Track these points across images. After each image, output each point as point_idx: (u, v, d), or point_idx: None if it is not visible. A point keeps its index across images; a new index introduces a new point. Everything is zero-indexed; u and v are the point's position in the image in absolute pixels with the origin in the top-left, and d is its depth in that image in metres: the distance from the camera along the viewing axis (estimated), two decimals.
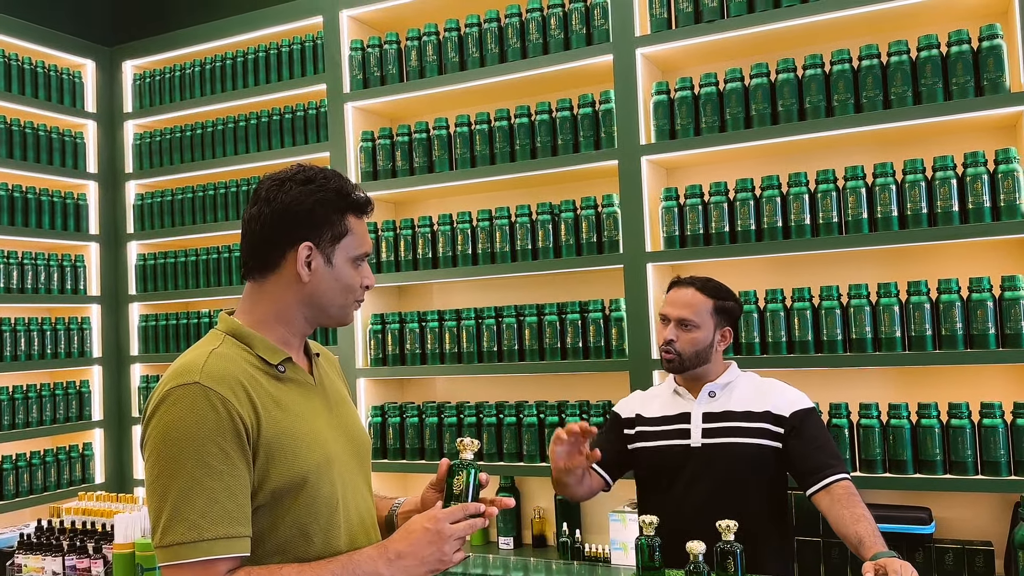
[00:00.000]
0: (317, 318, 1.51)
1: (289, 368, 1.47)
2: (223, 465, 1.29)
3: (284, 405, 1.41)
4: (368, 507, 1.55)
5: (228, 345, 1.44)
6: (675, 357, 2.26)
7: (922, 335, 2.55)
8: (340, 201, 1.48)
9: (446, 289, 3.59)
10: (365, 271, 1.53)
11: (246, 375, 1.39)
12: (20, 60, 3.81)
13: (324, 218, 1.46)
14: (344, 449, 1.50)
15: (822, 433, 2.17)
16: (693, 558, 1.82)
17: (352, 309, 1.53)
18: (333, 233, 1.47)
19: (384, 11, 3.52)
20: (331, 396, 1.55)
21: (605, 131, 3.04)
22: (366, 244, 1.52)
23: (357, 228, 1.50)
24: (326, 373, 1.59)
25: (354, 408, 1.65)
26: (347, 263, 1.48)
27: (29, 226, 3.80)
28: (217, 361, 1.38)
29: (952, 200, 2.53)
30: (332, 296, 1.49)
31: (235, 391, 1.34)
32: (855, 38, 2.85)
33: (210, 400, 1.31)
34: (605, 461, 2.35)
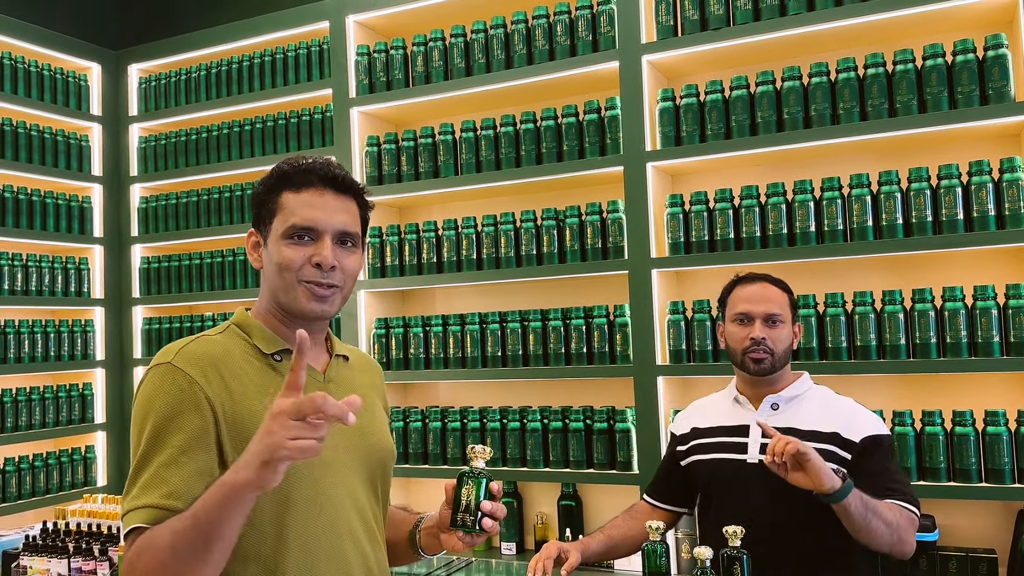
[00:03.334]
0: (281, 309, 1.44)
1: (289, 360, 1.42)
2: (178, 442, 1.28)
3: (272, 394, 1.35)
4: (368, 517, 1.47)
5: (229, 334, 1.43)
6: (768, 356, 2.09)
7: (927, 343, 2.56)
8: (274, 180, 1.44)
9: (450, 294, 3.60)
10: (308, 247, 1.40)
11: (230, 360, 1.37)
12: (26, 63, 3.82)
13: (262, 200, 1.45)
14: (346, 452, 1.43)
15: (891, 464, 2.02)
16: (700, 564, 1.82)
17: (302, 294, 1.40)
18: (267, 213, 1.44)
19: (390, 17, 3.53)
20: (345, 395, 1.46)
21: (610, 137, 3.05)
22: (294, 217, 1.40)
23: (289, 203, 1.41)
24: (349, 377, 1.54)
25: (380, 416, 1.58)
26: (277, 241, 1.41)
27: (34, 228, 3.81)
28: (200, 345, 1.37)
29: (957, 208, 2.54)
30: (273, 280, 1.42)
31: (206, 373, 1.32)
32: (861, 46, 2.87)
33: (176, 379, 1.31)
34: (667, 493, 2.30)
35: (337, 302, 1.44)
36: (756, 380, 2.15)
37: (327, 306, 1.41)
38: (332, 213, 1.41)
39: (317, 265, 1.38)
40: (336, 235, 1.42)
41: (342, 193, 1.44)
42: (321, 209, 1.40)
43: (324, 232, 1.40)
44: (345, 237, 1.43)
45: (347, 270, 1.43)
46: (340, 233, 1.42)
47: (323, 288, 1.40)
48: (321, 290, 1.39)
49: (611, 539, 2.19)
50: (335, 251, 1.41)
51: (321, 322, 1.47)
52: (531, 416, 3.11)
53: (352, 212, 1.46)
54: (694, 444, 2.22)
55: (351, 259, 1.44)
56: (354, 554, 1.41)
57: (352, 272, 1.45)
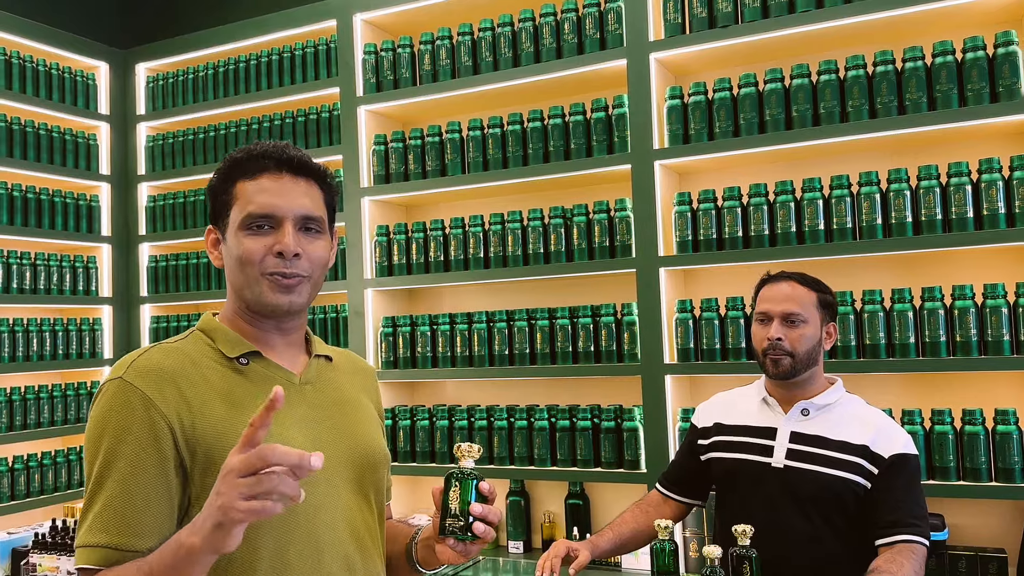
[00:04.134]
0: (249, 307, 1.33)
1: (257, 362, 1.32)
2: (129, 468, 1.17)
3: (235, 401, 1.26)
4: (359, 528, 1.36)
5: (191, 340, 1.34)
6: (786, 356, 2.04)
7: (936, 341, 2.55)
8: (226, 169, 1.34)
9: (457, 292, 3.60)
10: (268, 236, 1.29)
11: (190, 368, 1.27)
12: (34, 62, 3.83)
13: (216, 193, 1.34)
14: (331, 460, 1.32)
15: (914, 487, 1.97)
16: (710, 563, 1.82)
17: (266, 287, 1.29)
18: (222, 206, 1.33)
19: (398, 15, 3.53)
20: (327, 398, 1.39)
21: (618, 135, 3.04)
22: (250, 205, 1.29)
23: (245, 191, 1.30)
24: (331, 379, 1.43)
25: (368, 418, 1.46)
26: (235, 233, 1.30)
27: (42, 227, 3.82)
28: (156, 355, 1.27)
29: (967, 206, 2.53)
30: (236, 276, 1.32)
31: (161, 387, 1.22)
32: (870, 44, 2.86)
33: (127, 397, 1.20)
34: (681, 484, 2.28)
35: (305, 292, 1.33)
36: (785, 383, 2.10)
37: (294, 296, 1.31)
38: (292, 197, 1.30)
39: (279, 254, 1.28)
40: (298, 220, 1.30)
41: (301, 175, 1.34)
42: (279, 194, 1.30)
43: (284, 218, 1.29)
44: (308, 222, 1.32)
45: (313, 258, 1.32)
46: (302, 218, 1.31)
47: (288, 278, 1.29)
48: (286, 280, 1.29)
49: (620, 536, 2.18)
50: (298, 238, 1.30)
51: (294, 319, 1.37)
52: (538, 415, 3.11)
53: (314, 195, 1.35)
54: (716, 440, 2.19)
55: (317, 246, 1.33)
56: (340, 570, 1.30)
57: (319, 260, 1.34)
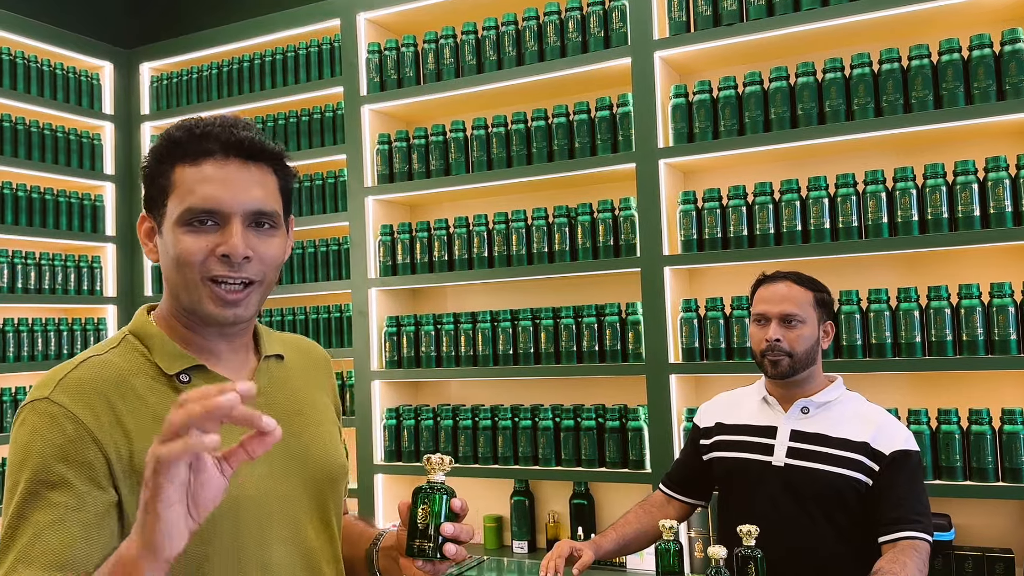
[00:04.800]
0: (187, 311, 1.15)
1: (200, 378, 1.14)
2: (60, 496, 1.02)
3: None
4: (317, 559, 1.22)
5: (123, 349, 1.16)
6: (785, 357, 2.04)
7: (942, 340, 2.53)
8: (164, 149, 1.15)
9: (461, 292, 3.59)
10: (212, 235, 1.10)
11: (125, 386, 1.10)
12: (39, 62, 3.83)
13: (153, 177, 1.15)
14: (282, 480, 1.18)
15: (916, 483, 1.97)
16: (714, 563, 1.81)
17: (207, 296, 1.11)
18: (158, 192, 1.14)
19: (401, 14, 3.52)
20: (279, 410, 1.21)
21: (623, 134, 3.03)
22: (191, 197, 1.10)
23: (185, 179, 1.11)
24: (284, 381, 1.26)
25: (326, 425, 1.29)
26: (172, 228, 1.11)
27: (46, 227, 3.82)
28: (86, 370, 1.11)
29: (973, 205, 2.52)
30: (171, 277, 1.13)
31: (95, 410, 1.06)
32: (876, 42, 2.84)
33: (56, 420, 1.05)
34: (685, 484, 2.28)
35: (253, 302, 1.15)
36: (784, 382, 2.10)
37: (240, 310, 1.13)
38: (241, 189, 1.11)
39: (224, 256, 1.09)
40: (248, 216, 1.12)
41: (253, 161, 1.14)
42: (225, 185, 1.10)
43: (232, 214, 1.10)
44: (260, 218, 1.13)
45: (266, 259, 1.14)
46: (253, 213, 1.12)
47: (234, 288, 1.11)
48: (232, 293, 1.11)
49: (624, 536, 2.18)
50: (248, 237, 1.11)
51: (238, 326, 1.18)
52: (543, 414, 3.10)
53: (268, 185, 1.15)
54: (717, 440, 2.19)
55: (270, 244, 1.15)
56: None
57: (273, 261, 1.15)
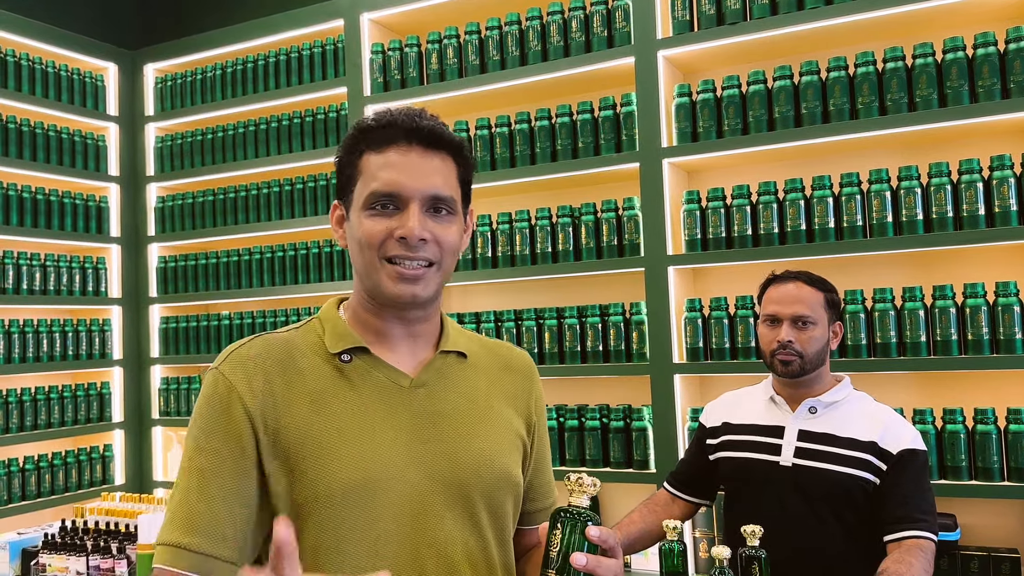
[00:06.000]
0: (370, 294, 1.20)
1: (362, 359, 1.18)
2: (211, 463, 1.10)
3: (326, 402, 1.14)
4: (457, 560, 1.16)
5: (306, 329, 1.22)
6: (796, 358, 2.04)
7: (948, 340, 2.53)
8: (354, 138, 1.20)
9: (465, 292, 3.59)
10: (392, 218, 1.15)
11: (287, 362, 1.16)
12: (43, 64, 3.84)
13: (343, 167, 1.21)
14: (432, 476, 1.16)
15: (922, 482, 1.96)
16: (719, 564, 1.80)
17: (386, 275, 1.15)
18: (347, 180, 1.20)
19: (405, 14, 3.53)
20: (442, 405, 1.21)
21: (626, 134, 3.03)
22: (375, 182, 1.15)
23: (370, 165, 1.17)
24: (459, 379, 1.24)
25: (497, 430, 1.24)
26: (357, 212, 1.17)
27: (51, 228, 3.83)
28: (257, 345, 1.18)
29: (978, 204, 2.51)
30: (356, 260, 1.19)
31: (251, 380, 1.13)
32: (879, 40, 2.84)
33: (217, 389, 1.13)
34: (690, 484, 2.27)
35: (433, 283, 1.17)
36: (792, 381, 2.09)
37: (418, 288, 1.15)
38: (420, 175, 1.15)
39: (402, 239, 1.14)
40: (426, 201, 1.16)
41: (433, 149, 1.18)
42: (405, 170, 1.15)
43: (410, 198, 1.15)
44: (438, 203, 1.17)
45: (443, 242, 1.17)
46: (431, 198, 1.16)
47: (412, 267, 1.15)
48: (410, 269, 1.14)
49: (629, 536, 2.17)
50: (425, 221, 1.15)
51: (420, 310, 1.20)
52: (547, 415, 3.10)
53: (447, 172, 1.19)
54: (724, 439, 2.19)
55: (447, 229, 1.18)
56: None
57: (451, 245, 1.18)
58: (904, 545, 1.88)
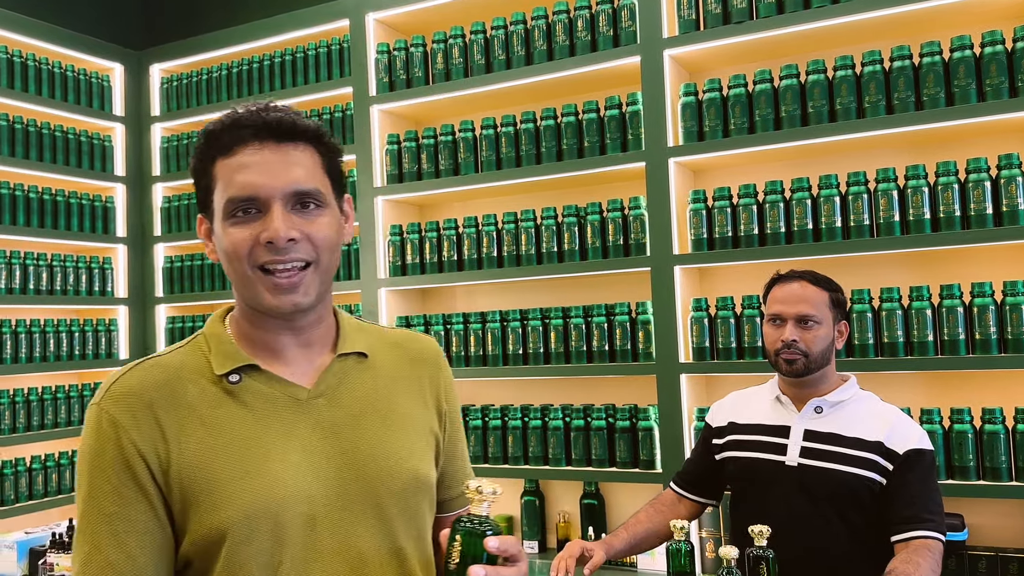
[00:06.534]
0: (251, 307, 1.13)
1: (253, 378, 1.12)
2: (113, 505, 1.04)
3: (218, 429, 1.08)
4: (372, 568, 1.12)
5: (190, 349, 1.15)
6: (801, 357, 2.04)
7: (955, 339, 2.52)
8: (204, 146, 1.13)
9: (471, 292, 3.59)
10: (256, 223, 1.08)
11: (172, 390, 1.09)
12: (50, 64, 3.85)
13: (198, 177, 1.14)
14: (339, 493, 1.11)
15: (930, 482, 1.96)
16: (726, 564, 1.80)
17: (262, 287, 1.08)
18: (205, 191, 1.13)
19: (410, 14, 3.52)
20: (343, 412, 1.15)
21: (632, 133, 3.03)
22: (230, 188, 1.08)
23: (224, 171, 1.09)
24: (359, 382, 1.18)
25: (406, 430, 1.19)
26: (221, 223, 1.09)
27: (58, 228, 3.84)
28: (137, 375, 1.10)
29: (986, 202, 2.50)
30: (230, 273, 1.11)
31: (135, 414, 1.06)
32: (886, 39, 2.83)
33: (101, 426, 1.06)
34: (696, 483, 2.26)
35: (314, 286, 1.10)
36: (797, 381, 2.09)
37: (298, 296, 1.09)
38: (277, 171, 1.08)
39: (270, 243, 1.06)
40: (289, 198, 1.09)
41: (287, 141, 1.11)
42: (260, 170, 1.07)
43: (271, 198, 1.07)
44: (304, 198, 1.10)
45: (317, 239, 1.10)
46: (294, 194, 1.09)
47: (286, 274, 1.07)
48: (285, 277, 1.07)
49: (635, 536, 2.17)
50: (291, 219, 1.08)
51: (307, 316, 1.14)
52: (553, 414, 3.10)
53: (307, 163, 1.11)
54: (730, 439, 2.18)
55: (319, 224, 1.11)
56: None
57: (325, 240, 1.11)
58: (912, 545, 1.88)
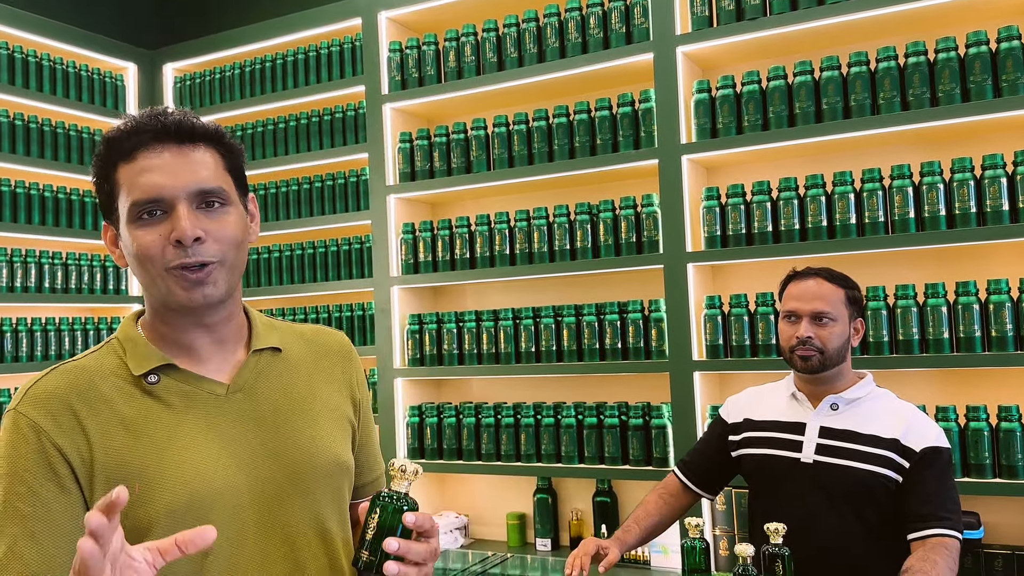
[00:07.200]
0: (162, 305, 1.16)
1: (170, 377, 1.15)
2: (29, 507, 1.06)
3: (139, 428, 1.11)
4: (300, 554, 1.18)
5: (104, 352, 1.19)
6: (816, 353, 2.03)
7: (971, 336, 2.50)
8: (104, 154, 1.16)
9: (483, 290, 3.59)
10: (162, 224, 1.11)
11: (90, 392, 1.12)
12: (64, 64, 3.87)
13: (100, 184, 1.17)
14: (263, 482, 1.16)
15: (947, 480, 1.95)
16: (742, 561, 1.80)
17: (173, 284, 1.12)
18: (108, 197, 1.16)
19: (422, 12, 3.53)
20: (262, 406, 1.20)
21: (645, 130, 3.02)
22: (135, 190, 1.11)
23: (126, 176, 1.13)
24: (276, 375, 1.24)
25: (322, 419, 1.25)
26: (127, 227, 1.13)
27: (73, 227, 3.86)
28: (55, 379, 1.13)
29: (1002, 199, 2.48)
30: (140, 276, 1.15)
31: (56, 417, 1.09)
32: (901, 35, 2.81)
33: (21, 430, 1.09)
34: (706, 477, 2.26)
35: (222, 280, 1.14)
36: (813, 378, 2.09)
37: (208, 289, 1.13)
38: (180, 172, 1.12)
39: (177, 242, 1.10)
40: (192, 198, 1.12)
41: (187, 143, 1.15)
42: (164, 171, 1.11)
43: (175, 198, 1.11)
44: (208, 197, 1.14)
45: (221, 237, 1.13)
46: (198, 194, 1.13)
47: (195, 271, 1.11)
48: (194, 274, 1.11)
49: (646, 530, 2.18)
50: (196, 219, 1.11)
51: (218, 312, 1.18)
52: (565, 412, 3.09)
53: (209, 163, 1.15)
54: (746, 436, 2.18)
55: (223, 222, 1.14)
56: None
57: (230, 237, 1.15)
58: (929, 543, 1.87)
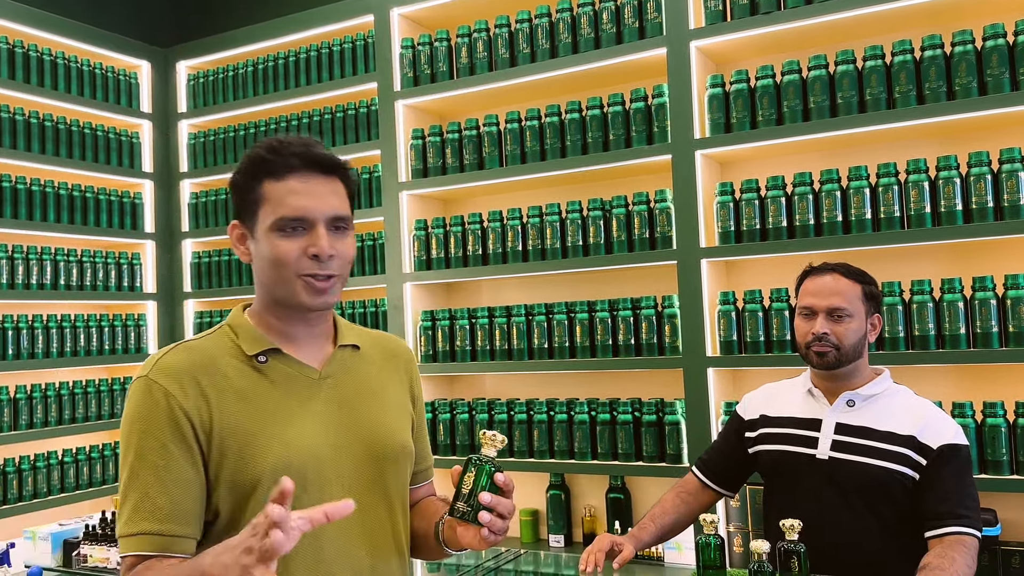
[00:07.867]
0: (278, 302, 1.38)
1: (276, 359, 1.37)
2: (160, 459, 1.26)
3: (251, 398, 1.33)
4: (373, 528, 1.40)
5: (217, 336, 1.40)
6: (832, 350, 2.02)
7: (988, 332, 2.48)
8: (252, 167, 1.37)
9: (496, 286, 3.59)
10: (301, 238, 1.33)
11: (211, 365, 1.33)
12: (78, 62, 3.89)
13: (241, 190, 1.38)
14: (345, 454, 1.37)
15: (965, 477, 1.94)
16: (757, 557, 1.79)
17: (301, 288, 1.34)
18: (250, 204, 1.37)
19: (434, 9, 3.52)
20: (347, 392, 1.42)
21: (658, 125, 3.01)
22: (282, 208, 1.32)
23: (274, 193, 1.33)
24: (356, 368, 1.46)
25: (392, 409, 1.48)
26: (267, 234, 1.34)
27: (87, 224, 3.88)
28: (179, 354, 1.34)
29: (1020, 193, 2.46)
30: (267, 274, 1.37)
31: (182, 383, 1.30)
32: (917, 28, 2.79)
33: (152, 394, 1.29)
34: (724, 474, 2.25)
35: (337, 291, 1.38)
36: (830, 374, 2.07)
37: (328, 297, 1.36)
38: (322, 198, 1.34)
39: (314, 256, 1.32)
40: (329, 221, 1.35)
41: (328, 174, 1.37)
42: (309, 196, 1.33)
43: (317, 220, 1.33)
44: (338, 221, 1.36)
45: (345, 256, 1.37)
46: (333, 218, 1.35)
47: (322, 280, 1.34)
48: (321, 283, 1.34)
49: (662, 528, 2.18)
50: (329, 238, 1.34)
51: (321, 313, 1.41)
52: (578, 408, 3.09)
53: (340, 193, 1.38)
54: (763, 433, 2.17)
55: (346, 244, 1.37)
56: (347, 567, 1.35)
57: (348, 257, 1.38)
58: (946, 541, 1.86)
